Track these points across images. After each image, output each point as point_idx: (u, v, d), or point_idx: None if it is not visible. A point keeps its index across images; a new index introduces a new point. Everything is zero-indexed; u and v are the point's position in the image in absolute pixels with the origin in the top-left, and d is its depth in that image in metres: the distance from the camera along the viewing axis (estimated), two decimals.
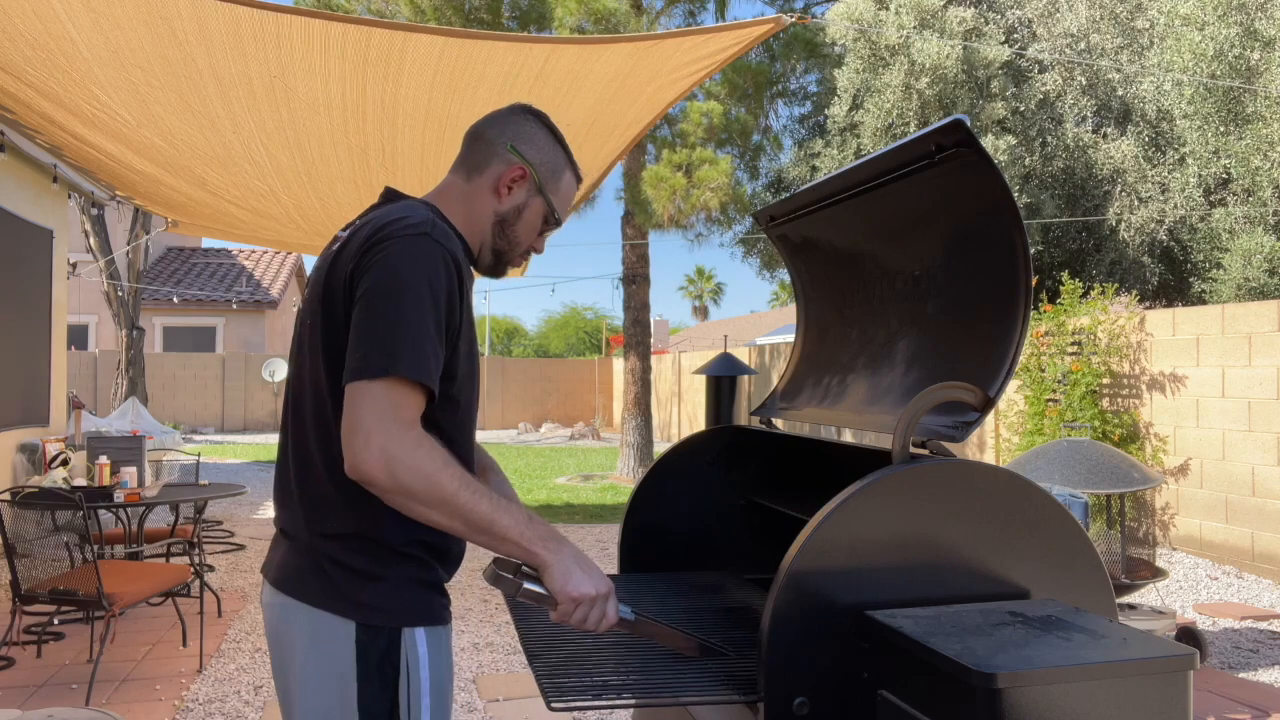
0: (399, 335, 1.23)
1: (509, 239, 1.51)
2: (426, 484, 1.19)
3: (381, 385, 1.20)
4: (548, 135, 1.54)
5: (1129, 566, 4.36)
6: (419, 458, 1.19)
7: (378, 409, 1.19)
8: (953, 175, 1.45)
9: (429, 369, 1.25)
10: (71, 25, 3.91)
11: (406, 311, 1.25)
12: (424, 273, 1.28)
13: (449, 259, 1.32)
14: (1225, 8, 10.61)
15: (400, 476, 1.18)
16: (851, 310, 1.92)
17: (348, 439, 1.20)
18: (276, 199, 6.35)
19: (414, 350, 1.23)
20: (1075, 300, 7.67)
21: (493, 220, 1.50)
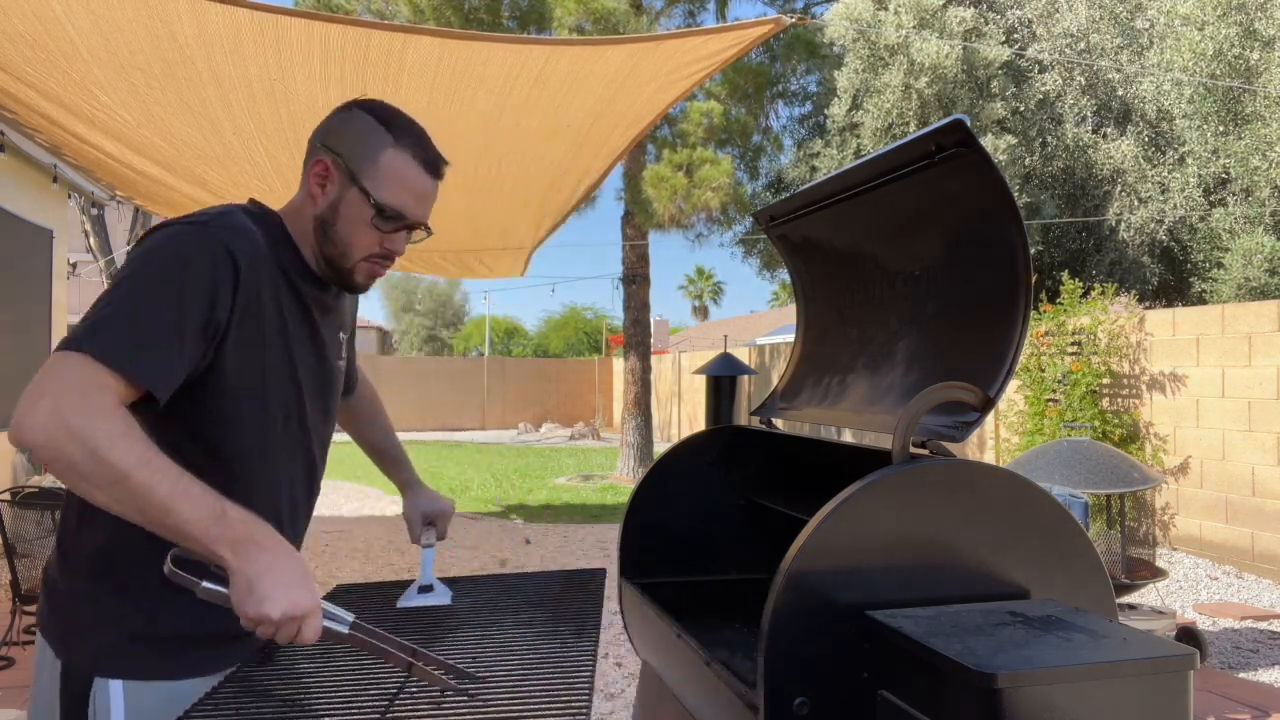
0: (111, 315, 1.13)
1: (334, 242, 1.37)
2: (89, 454, 1.03)
3: (76, 359, 1.08)
4: (368, 120, 1.36)
5: (1129, 566, 4.36)
6: (89, 423, 1.04)
7: (62, 376, 1.07)
8: (953, 175, 1.45)
9: (136, 358, 1.11)
10: (71, 27, 3.91)
11: (135, 294, 1.15)
12: (175, 260, 1.18)
13: (222, 251, 1.20)
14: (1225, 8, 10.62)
15: (60, 440, 1.03)
16: (851, 310, 1.92)
17: (21, 399, 1.06)
18: (278, 200, 6.34)
19: (121, 334, 1.11)
20: (1075, 300, 7.68)
21: (314, 225, 1.38)
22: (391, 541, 7.49)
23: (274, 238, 1.35)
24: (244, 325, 1.25)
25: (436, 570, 1.70)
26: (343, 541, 7.46)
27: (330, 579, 6.04)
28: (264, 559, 1.06)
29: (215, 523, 1.06)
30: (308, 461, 1.46)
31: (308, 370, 1.40)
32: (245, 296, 1.24)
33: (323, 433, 1.49)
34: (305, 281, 1.39)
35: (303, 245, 1.39)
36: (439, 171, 1.41)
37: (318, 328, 1.43)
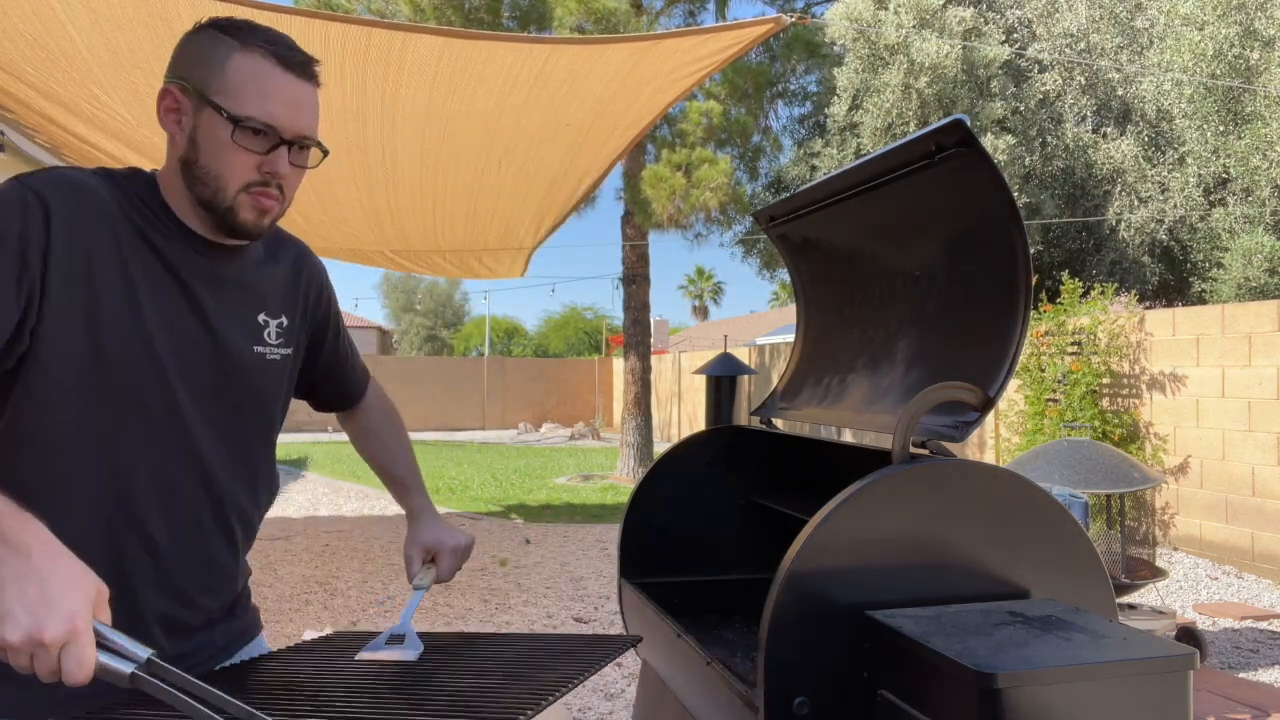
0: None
1: (203, 180, 1.17)
2: None
3: None
4: (209, 33, 1.17)
5: (1129, 566, 4.36)
6: None
7: None
8: (953, 175, 1.45)
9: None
10: (71, 25, 3.91)
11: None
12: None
13: (33, 202, 1.05)
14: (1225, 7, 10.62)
15: None
16: (851, 310, 1.92)
17: None
18: None
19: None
20: (1075, 300, 7.68)
21: (180, 171, 1.18)
22: (393, 542, 7.49)
23: (130, 195, 1.17)
24: (67, 291, 1.07)
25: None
26: (342, 542, 7.46)
27: (331, 579, 6.04)
28: (12, 563, 0.81)
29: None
30: (197, 467, 1.21)
31: (180, 353, 1.18)
32: (65, 257, 1.07)
33: (224, 430, 1.25)
34: (177, 245, 1.19)
35: (179, 204, 1.20)
36: (307, 71, 1.21)
37: (200, 302, 1.21)
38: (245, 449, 1.29)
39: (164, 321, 1.16)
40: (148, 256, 1.16)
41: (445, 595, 5.59)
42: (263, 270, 1.33)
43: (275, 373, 1.34)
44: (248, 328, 1.28)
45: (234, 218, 1.18)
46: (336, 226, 7.13)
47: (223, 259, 1.25)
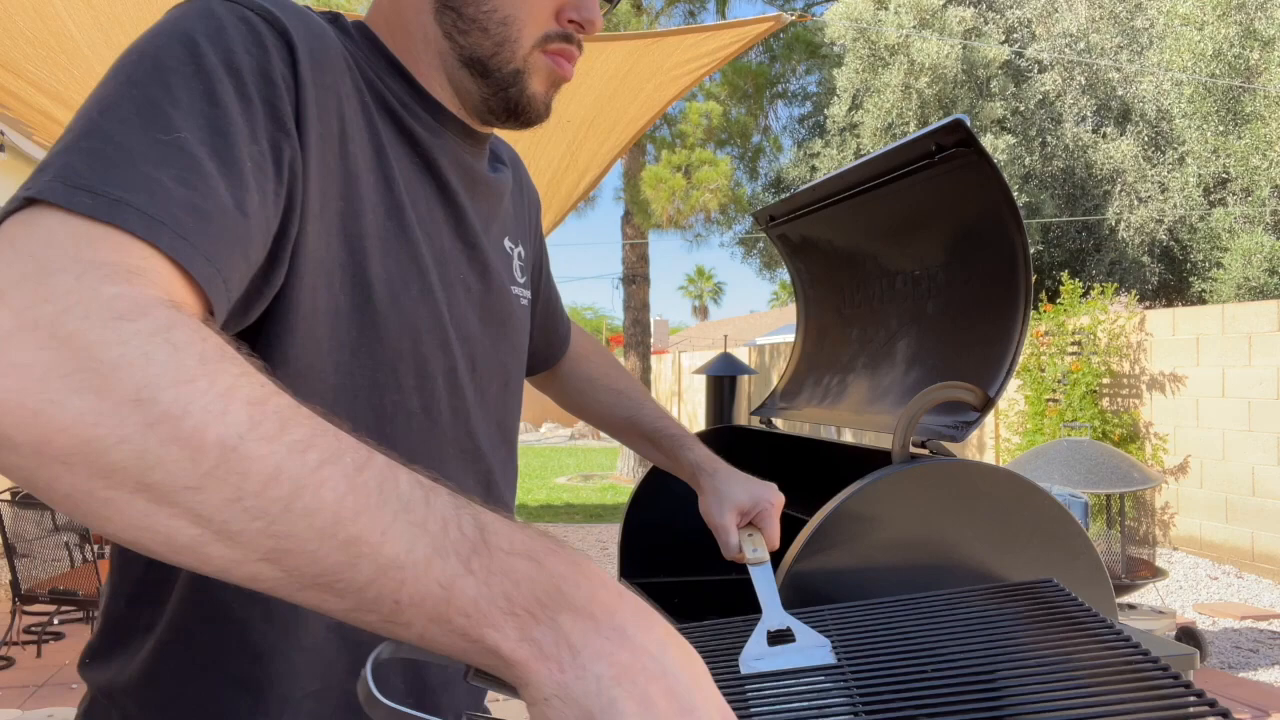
0: (79, 135, 0.54)
1: (484, 23, 0.75)
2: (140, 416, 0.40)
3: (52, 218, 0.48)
4: None
5: (1129, 566, 4.36)
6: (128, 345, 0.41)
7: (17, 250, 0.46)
8: (953, 175, 1.45)
9: (159, 197, 0.51)
10: (72, 23, 3.91)
11: (113, 96, 0.56)
12: (173, 38, 0.59)
13: (256, 20, 0.63)
14: (1224, 7, 10.62)
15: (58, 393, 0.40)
16: (851, 310, 1.92)
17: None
18: None
19: (109, 155, 0.52)
20: (1075, 300, 7.68)
21: (434, 15, 0.76)
22: None
23: (360, 44, 0.76)
24: (321, 182, 0.66)
25: None
26: None
27: None
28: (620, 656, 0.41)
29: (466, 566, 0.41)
30: (480, 471, 0.84)
31: (451, 294, 0.78)
32: (318, 120, 0.65)
33: (497, 417, 0.87)
34: (428, 125, 0.78)
35: (423, 68, 0.78)
36: None
37: (466, 218, 0.82)
38: (511, 443, 0.92)
39: (433, 246, 0.77)
40: (399, 138, 0.75)
41: None
42: (500, 177, 0.92)
43: (526, 326, 0.96)
44: (504, 258, 0.89)
45: (520, 87, 0.78)
46: None
47: (476, 154, 0.85)
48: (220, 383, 0.41)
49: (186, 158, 0.53)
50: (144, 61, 0.58)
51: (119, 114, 0.55)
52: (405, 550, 0.41)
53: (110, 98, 0.56)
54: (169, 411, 0.40)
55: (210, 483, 0.39)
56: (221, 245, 0.53)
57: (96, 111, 0.55)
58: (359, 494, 0.41)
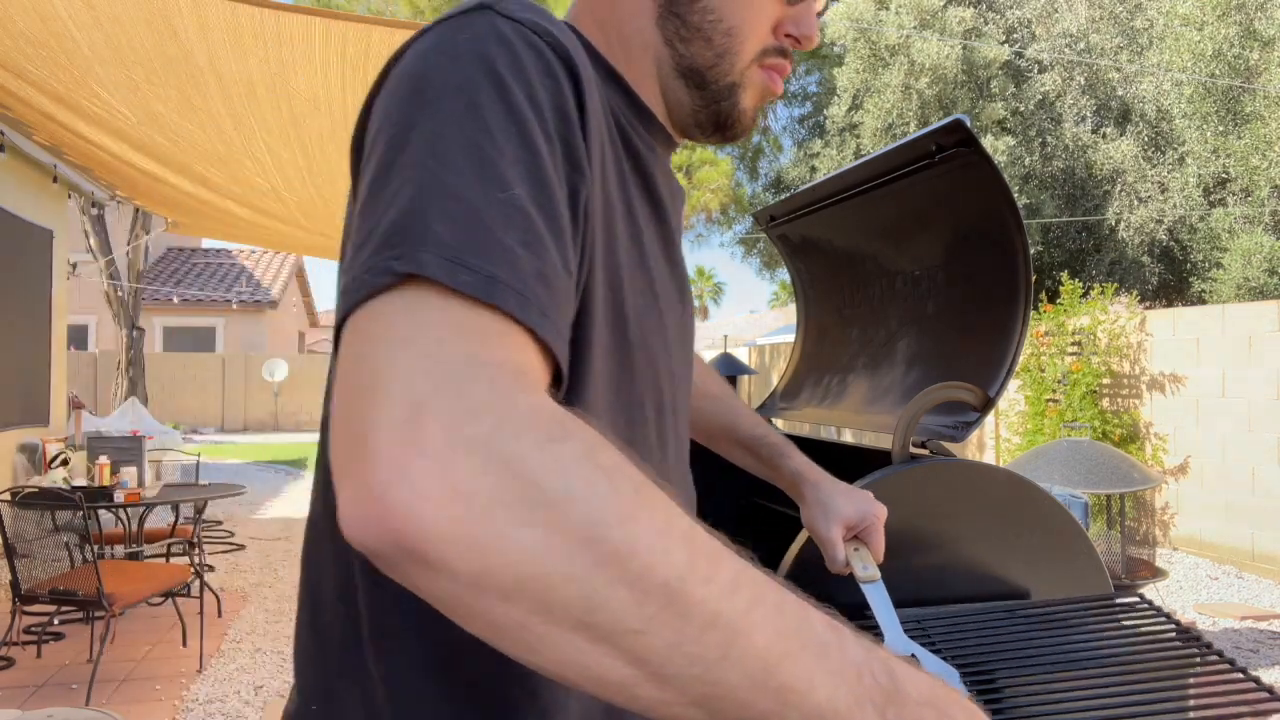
0: (425, 191, 0.49)
1: (708, 33, 0.71)
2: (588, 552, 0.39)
3: (412, 299, 0.45)
4: None
5: (1129, 566, 4.36)
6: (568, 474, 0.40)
7: (417, 348, 0.43)
8: (953, 175, 1.45)
9: (519, 268, 0.48)
10: (72, 24, 3.91)
11: (439, 140, 0.51)
12: (474, 66, 0.54)
13: (546, 50, 0.57)
14: (1224, 8, 10.62)
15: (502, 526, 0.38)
16: (851, 310, 1.92)
17: (341, 435, 0.42)
18: (278, 196, 6.36)
19: (465, 218, 0.48)
20: (1075, 300, 7.68)
21: (657, 18, 0.72)
22: None
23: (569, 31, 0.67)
24: (597, 215, 0.62)
25: None
26: None
27: None
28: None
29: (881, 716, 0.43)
30: (689, 499, 0.85)
31: (670, 311, 0.75)
32: (595, 135, 0.60)
33: (686, 438, 0.85)
34: (646, 142, 0.74)
35: (636, 76, 0.74)
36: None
37: (672, 231, 0.78)
38: (689, 480, 0.86)
39: (659, 271, 0.73)
40: (626, 154, 0.71)
41: None
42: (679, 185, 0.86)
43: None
44: (683, 269, 0.83)
45: (734, 101, 0.74)
46: (337, 225, 7.13)
47: (668, 155, 0.80)
48: (658, 517, 0.41)
49: (523, 217, 0.50)
50: (453, 95, 0.53)
51: (453, 164, 0.50)
52: (828, 699, 0.41)
53: (436, 141, 0.51)
54: (618, 550, 0.38)
55: (653, 626, 0.38)
56: (562, 312, 0.51)
57: (428, 157, 0.50)
58: (785, 639, 0.41)
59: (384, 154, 0.52)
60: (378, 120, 0.56)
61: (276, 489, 10.73)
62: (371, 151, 0.54)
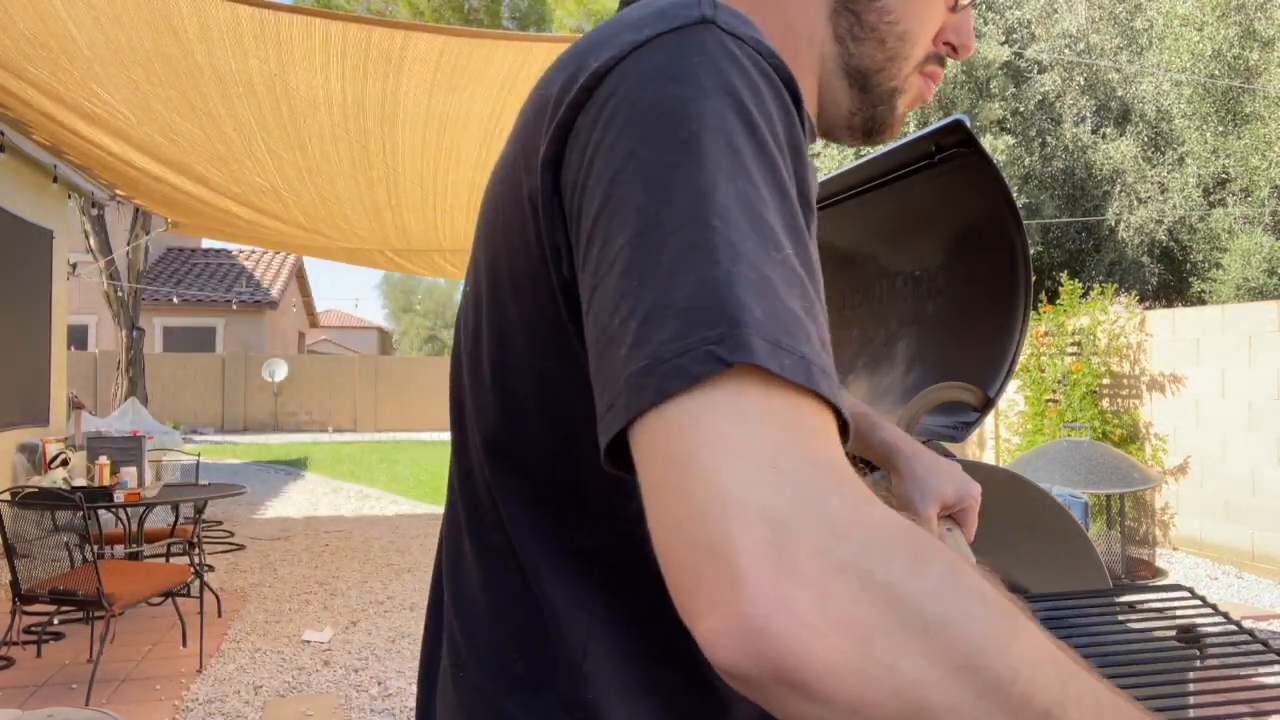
0: (722, 257, 0.44)
1: (883, 35, 0.68)
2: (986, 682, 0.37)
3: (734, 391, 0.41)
4: None
5: (1129, 566, 4.36)
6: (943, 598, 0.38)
7: (758, 454, 0.39)
8: (953, 175, 1.45)
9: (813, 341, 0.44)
10: (72, 23, 3.91)
11: (715, 192, 0.46)
12: (721, 99, 0.49)
13: (769, 71, 0.52)
14: (1224, 8, 10.62)
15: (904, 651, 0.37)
16: (851, 310, 1.92)
17: (690, 553, 0.39)
18: (278, 195, 6.36)
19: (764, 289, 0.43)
20: (1075, 300, 7.68)
21: (830, 16, 0.68)
22: (393, 542, 7.49)
23: None
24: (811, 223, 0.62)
25: None
26: (342, 542, 7.46)
27: (331, 579, 6.04)
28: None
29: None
30: None
31: None
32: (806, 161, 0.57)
33: None
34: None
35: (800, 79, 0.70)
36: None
37: None
38: None
39: None
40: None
41: None
42: None
43: None
44: None
45: (890, 106, 0.72)
46: (337, 225, 7.14)
47: None
48: (1030, 641, 0.39)
49: (799, 279, 0.46)
50: (713, 137, 0.47)
51: (736, 223, 0.44)
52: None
53: (711, 193, 0.45)
54: (1000, 678, 0.37)
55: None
56: (816, 343, 0.45)
57: (711, 215, 0.44)
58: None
59: (645, 204, 0.45)
60: (615, 159, 0.48)
61: (276, 489, 10.73)
62: (611, 195, 0.47)
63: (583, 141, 0.51)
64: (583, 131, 0.51)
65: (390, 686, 3.92)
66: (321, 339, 31.39)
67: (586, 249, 0.49)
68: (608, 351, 0.45)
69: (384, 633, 4.73)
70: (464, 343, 0.68)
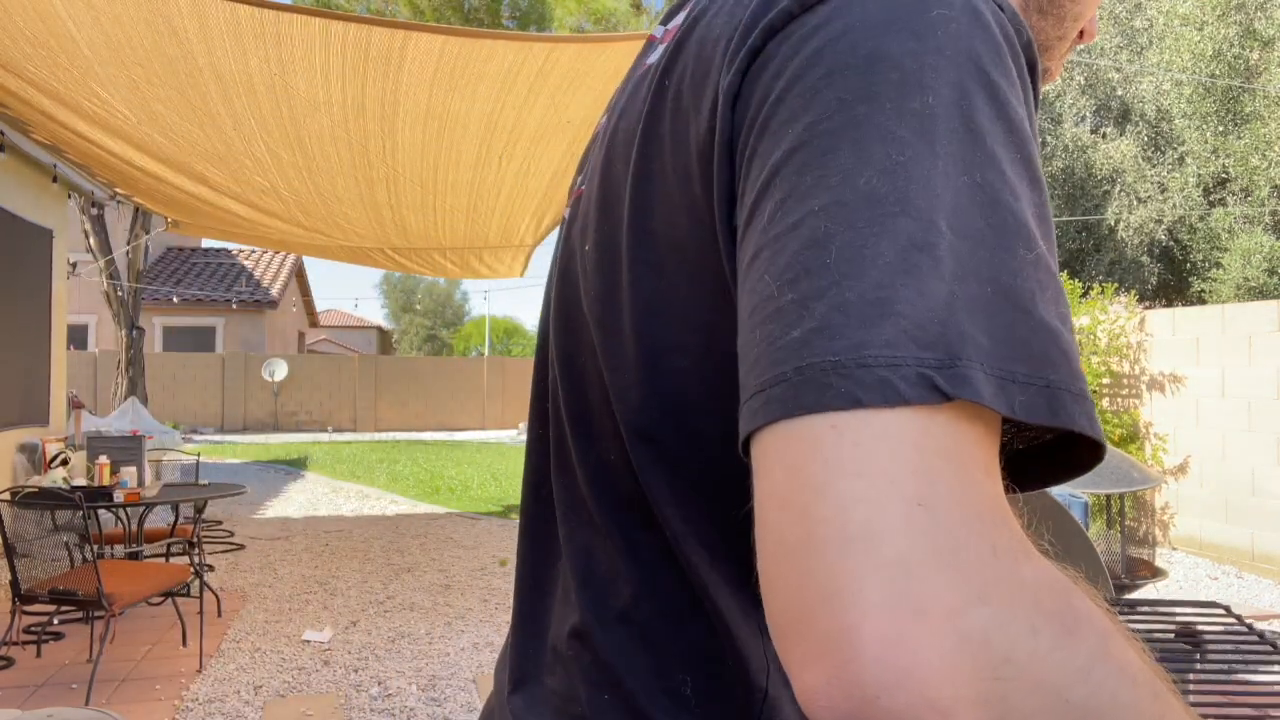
0: (948, 274, 0.35)
1: (1058, 10, 0.66)
2: None
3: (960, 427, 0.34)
4: None
5: (1129, 566, 4.36)
6: (1089, 680, 0.33)
7: (908, 489, 0.33)
8: None
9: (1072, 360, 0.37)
10: (72, 23, 3.91)
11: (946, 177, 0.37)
12: (962, 67, 0.40)
13: (1015, 41, 0.44)
14: (1224, 8, 10.62)
15: None
16: None
17: (798, 587, 0.33)
18: (278, 194, 6.36)
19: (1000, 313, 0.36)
20: (1075, 300, 7.68)
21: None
22: (393, 542, 7.49)
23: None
24: None
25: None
26: (342, 542, 7.46)
27: (331, 579, 6.04)
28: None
29: None
30: None
31: None
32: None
33: None
34: None
35: None
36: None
37: None
38: None
39: None
40: None
41: (446, 595, 5.59)
42: None
43: None
44: None
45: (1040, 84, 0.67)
46: (337, 223, 7.14)
47: None
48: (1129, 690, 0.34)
49: (1052, 279, 0.38)
50: (950, 111, 0.39)
51: (969, 226, 0.37)
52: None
53: (943, 183, 0.37)
54: None
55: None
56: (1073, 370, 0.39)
57: (938, 213, 0.37)
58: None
59: (854, 170, 0.37)
60: (819, 105, 0.40)
61: (276, 489, 10.73)
62: (806, 145, 0.39)
63: (773, 72, 0.42)
64: (774, 61, 0.43)
65: (390, 686, 3.92)
66: (321, 339, 31.39)
67: (757, 201, 0.41)
68: (767, 326, 0.37)
69: (384, 633, 4.73)
70: (581, 319, 0.59)
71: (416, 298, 47.71)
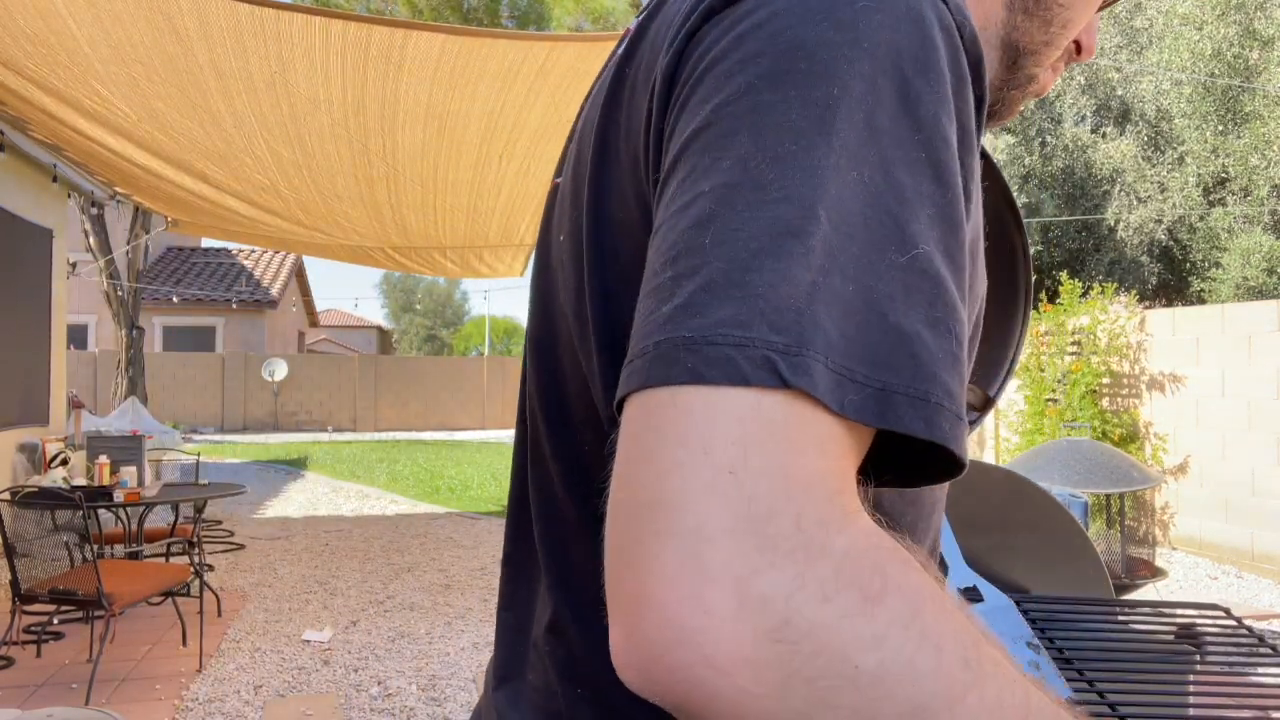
0: (814, 265, 0.36)
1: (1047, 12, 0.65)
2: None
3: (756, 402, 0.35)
4: None
5: (1129, 566, 4.36)
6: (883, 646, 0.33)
7: (721, 457, 0.34)
8: None
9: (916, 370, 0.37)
10: (72, 21, 3.91)
11: (838, 182, 0.38)
12: (877, 61, 0.40)
13: (957, 41, 0.44)
14: (1224, 7, 10.62)
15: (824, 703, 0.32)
16: None
17: (616, 554, 0.36)
18: (277, 192, 6.36)
19: (855, 312, 0.37)
20: (1075, 300, 7.68)
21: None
22: (393, 541, 7.49)
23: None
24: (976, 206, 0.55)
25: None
26: (342, 542, 7.46)
27: (331, 579, 6.04)
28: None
29: None
30: None
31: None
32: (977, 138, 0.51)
33: None
34: None
35: None
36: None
37: None
38: None
39: None
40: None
41: (446, 595, 5.59)
42: None
43: None
44: None
45: (1021, 92, 0.69)
46: (337, 222, 7.13)
47: None
48: (988, 692, 0.34)
49: (928, 285, 0.38)
50: (852, 107, 0.39)
51: (846, 221, 0.37)
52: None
53: (829, 175, 0.37)
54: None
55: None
56: (958, 361, 0.39)
57: (819, 203, 0.37)
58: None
59: (749, 155, 0.38)
60: (730, 86, 0.40)
61: (276, 489, 10.73)
62: (711, 126, 0.40)
63: (700, 53, 0.43)
64: (704, 43, 0.44)
65: (390, 686, 3.93)
66: (321, 338, 31.38)
67: (666, 178, 0.42)
68: (647, 302, 0.39)
69: (384, 632, 4.73)
70: (557, 310, 0.59)
71: (416, 297, 47.71)
